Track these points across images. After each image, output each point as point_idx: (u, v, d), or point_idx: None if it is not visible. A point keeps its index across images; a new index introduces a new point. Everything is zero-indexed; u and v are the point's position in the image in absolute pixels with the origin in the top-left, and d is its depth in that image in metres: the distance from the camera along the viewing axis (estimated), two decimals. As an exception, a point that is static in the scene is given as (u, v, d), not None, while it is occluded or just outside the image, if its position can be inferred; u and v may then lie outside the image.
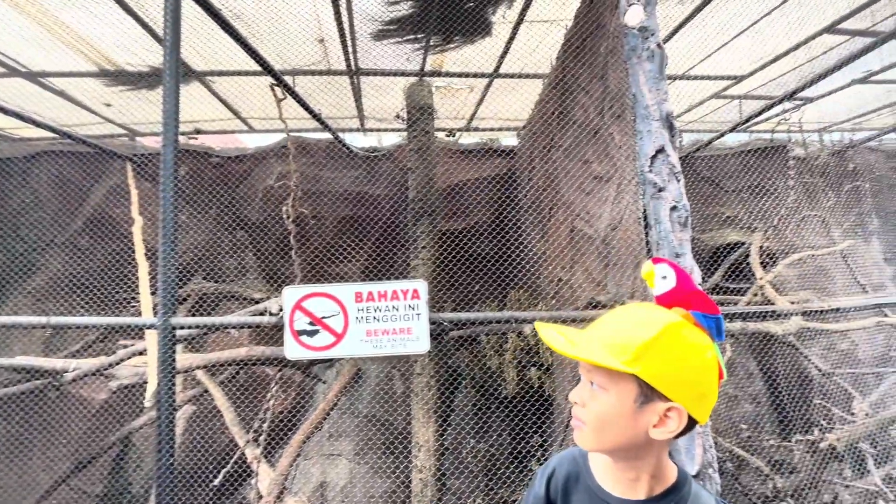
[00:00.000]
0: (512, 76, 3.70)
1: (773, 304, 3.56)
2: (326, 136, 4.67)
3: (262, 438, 3.15)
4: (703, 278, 2.08)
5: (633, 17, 1.82)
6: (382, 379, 4.89)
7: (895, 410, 3.15)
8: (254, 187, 4.99)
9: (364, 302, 1.79)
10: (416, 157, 3.76)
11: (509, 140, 5.34)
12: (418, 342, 1.79)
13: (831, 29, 3.12)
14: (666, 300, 0.81)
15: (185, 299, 4.51)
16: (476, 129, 5.00)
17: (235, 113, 4.27)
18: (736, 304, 4.11)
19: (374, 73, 3.59)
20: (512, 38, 3.12)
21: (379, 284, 1.79)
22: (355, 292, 1.79)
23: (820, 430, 3.39)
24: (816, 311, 2.98)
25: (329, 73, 3.64)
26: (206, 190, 4.48)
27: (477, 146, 5.10)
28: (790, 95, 3.60)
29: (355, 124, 4.80)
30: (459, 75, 3.71)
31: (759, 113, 3.91)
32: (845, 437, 3.26)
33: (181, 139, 4.22)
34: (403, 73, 3.61)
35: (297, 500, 3.31)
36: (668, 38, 3.17)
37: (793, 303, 3.51)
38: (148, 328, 1.79)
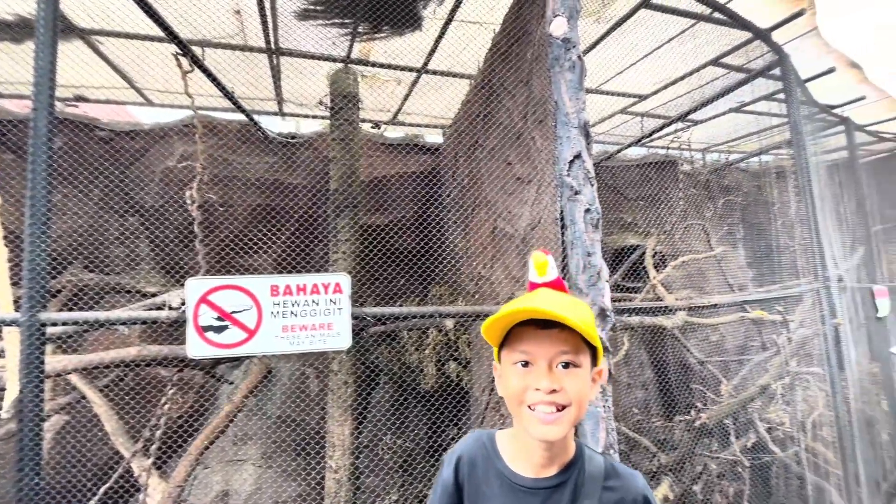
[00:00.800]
0: (440, 73, 3.72)
1: (662, 300, 4.00)
2: (239, 117, 4.32)
3: (153, 448, 2.83)
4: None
5: (558, 27, 1.92)
6: (296, 378, 4.65)
7: (752, 391, 3.70)
8: (150, 168, 4.45)
9: (281, 296, 1.68)
10: (339, 148, 3.62)
11: (434, 137, 5.37)
12: (339, 338, 1.72)
13: (716, 62, 3.57)
14: (549, 286, 0.85)
15: (58, 292, 3.90)
16: (402, 124, 4.95)
17: (129, 82, 3.77)
18: (632, 300, 4.56)
19: (297, 54, 3.39)
20: (441, 36, 3.14)
21: (298, 277, 1.70)
22: (271, 285, 1.67)
23: (695, 410, 3.89)
24: (698, 308, 3.41)
25: (245, 48, 3.37)
26: (89, 168, 3.89)
27: (403, 140, 5.05)
28: (682, 117, 4.07)
29: (272, 107, 4.50)
30: (387, 66, 3.64)
31: (657, 130, 4.37)
32: (714, 416, 3.78)
33: (57, 105, 3.61)
34: (328, 58, 3.45)
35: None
36: (584, 53, 3.39)
37: (678, 300, 3.97)
38: (7, 325, 1.51)
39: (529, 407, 0.77)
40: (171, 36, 2.56)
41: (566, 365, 0.75)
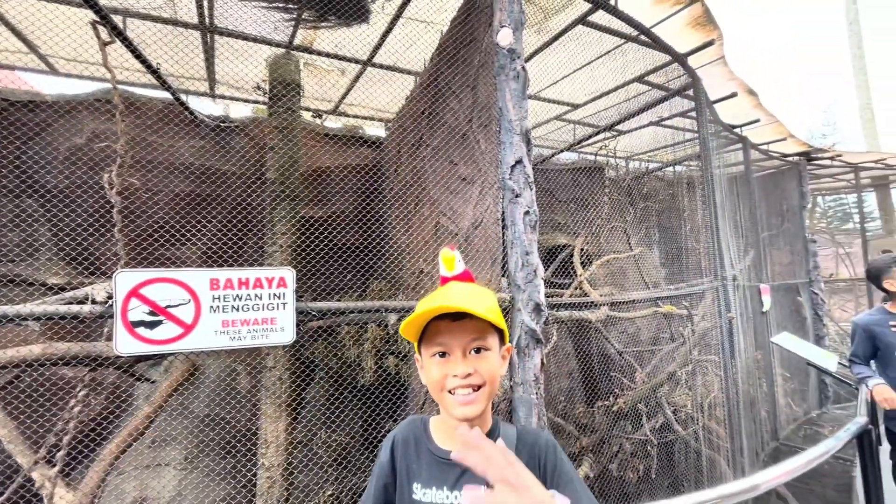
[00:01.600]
0: (385, 67, 3.71)
1: (588, 296, 4.33)
2: (162, 95, 4.00)
3: (60, 455, 2.58)
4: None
5: (504, 38, 2.02)
6: (225, 375, 4.42)
7: (661, 377, 4.14)
8: (54, 145, 3.99)
9: (221, 290, 1.62)
10: (278, 136, 3.49)
11: (374, 129, 5.33)
12: (283, 333, 1.70)
13: (640, 79, 3.92)
14: (458, 279, 0.94)
15: (-66, 283, 3.39)
16: (343, 114, 4.86)
17: (31, 46, 3.35)
18: (561, 296, 4.87)
19: (234, 35, 3.21)
20: (389, 31, 3.14)
21: (240, 271, 1.65)
22: (211, 279, 1.61)
23: (614, 396, 4.28)
24: (619, 303, 3.74)
25: (174, 23, 3.13)
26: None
27: (344, 132, 4.96)
28: (610, 127, 4.41)
29: (203, 88, 4.21)
30: (332, 56, 3.56)
31: (587, 138, 4.69)
32: (629, 401, 4.18)
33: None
34: (269, 42, 3.31)
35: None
36: (526, 60, 3.56)
37: (602, 296, 4.32)
38: None
39: (450, 392, 0.85)
40: (90, 2, 2.32)
41: (478, 350, 0.85)
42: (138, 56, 2.94)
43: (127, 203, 3.63)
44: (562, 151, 5.03)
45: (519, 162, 1.98)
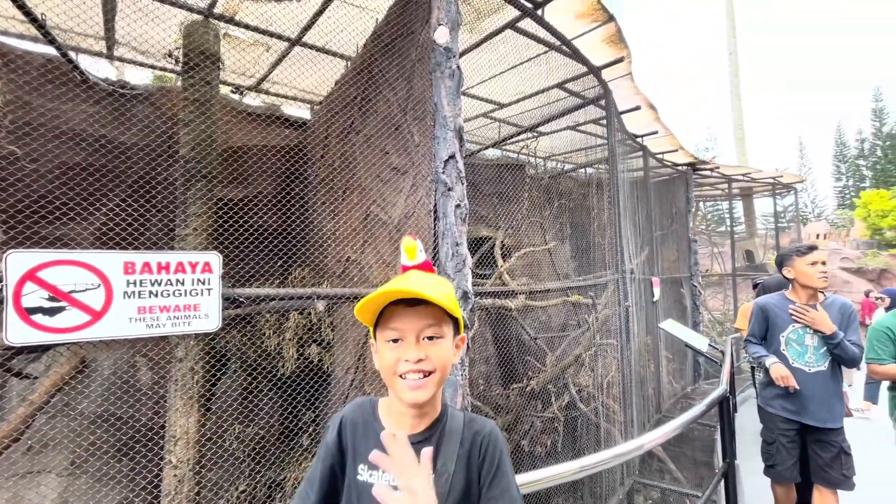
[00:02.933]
0: (315, 49, 3.59)
1: (507, 286, 4.60)
2: (49, 51, 3.48)
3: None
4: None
5: (441, 36, 2.09)
6: (122, 369, 4.01)
7: (568, 360, 4.56)
8: None
9: (137, 274, 1.51)
10: (193, 110, 3.22)
11: (295, 110, 5.11)
12: (207, 320, 1.63)
13: (561, 85, 4.22)
14: (418, 268, 0.97)
15: None
16: (266, 93, 4.60)
17: None
18: (484, 285, 5.13)
19: (141, -8, 2.90)
20: (321, 11, 3.04)
21: (160, 254, 1.55)
22: (125, 262, 1.49)
23: (527, 378, 4.63)
24: (535, 292, 4.05)
25: (67, -31, 2.74)
26: None
27: (267, 111, 4.69)
28: (533, 128, 4.69)
29: (99, 48, 3.73)
30: (257, 30, 3.36)
31: (512, 136, 4.95)
32: (540, 382, 4.55)
33: None
34: (184, 7, 3.03)
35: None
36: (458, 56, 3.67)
37: (520, 285, 4.62)
38: None
39: (401, 376, 0.87)
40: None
41: (431, 337, 0.88)
42: (20, 5, 2.54)
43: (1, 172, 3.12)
44: (487, 147, 5.25)
45: (452, 157, 2.08)
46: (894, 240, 16.05)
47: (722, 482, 2.56)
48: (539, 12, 2.95)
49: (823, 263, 2.68)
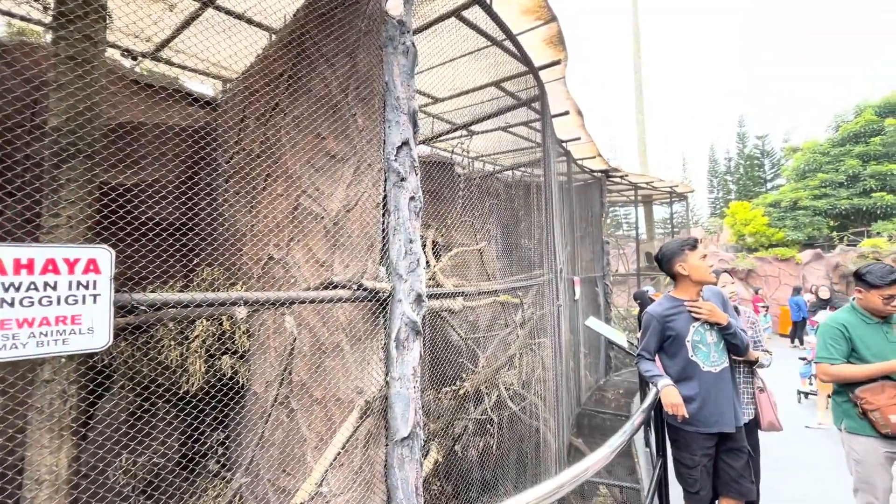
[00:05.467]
0: (232, 15, 3.11)
1: (442, 286, 4.45)
2: None
3: None
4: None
5: (395, 7, 1.86)
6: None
7: (502, 360, 4.54)
8: None
9: (-19, 276, 1.08)
10: (68, 71, 2.58)
11: (199, 86, 4.46)
12: (92, 336, 1.23)
13: (497, 84, 4.17)
14: None
15: None
16: (168, 62, 3.93)
17: None
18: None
19: (-6, -89, 2.24)
20: (242, -31, 2.62)
21: (19, 248, 1.12)
22: (-41, 259, 1.06)
23: (460, 380, 4.52)
24: (469, 293, 3.94)
25: None
26: None
27: (165, 82, 4.01)
28: (467, 126, 4.60)
29: (-72, -21, 2.87)
30: (156, -18, 2.80)
31: (445, 133, 4.81)
32: (475, 383, 4.47)
33: None
34: (57, -62, 2.41)
35: None
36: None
37: (455, 286, 4.50)
38: None
39: None
40: None
41: None
42: None
43: None
44: (422, 143, 5.05)
45: (405, 143, 1.85)
46: (753, 244, 18.90)
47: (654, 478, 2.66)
48: (488, 1, 2.83)
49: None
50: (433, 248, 5.39)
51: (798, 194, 19.93)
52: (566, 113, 4.81)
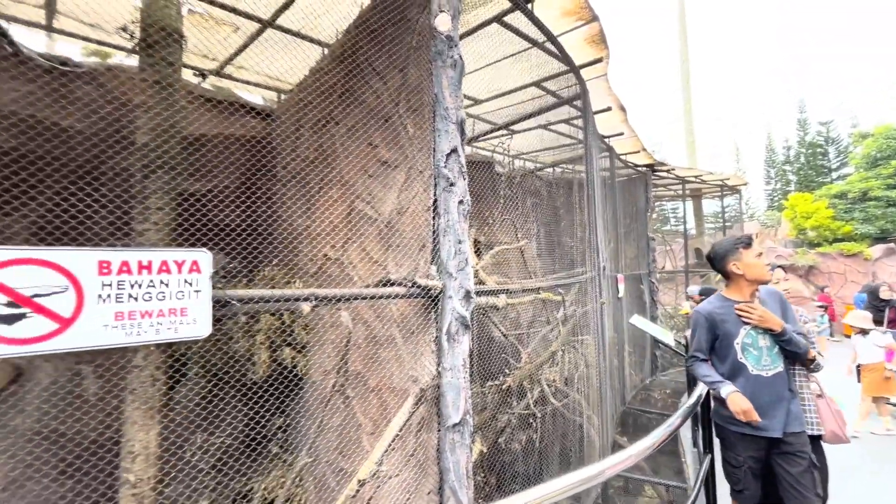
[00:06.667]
0: (290, 32, 3.37)
1: (485, 284, 4.57)
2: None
3: None
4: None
5: (443, 23, 2.00)
6: (65, 379, 3.60)
7: (545, 356, 4.60)
8: None
9: (114, 274, 1.32)
10: (153, 93, 2.92)
11: (252, 97, 4.80)
12: (196, 325, 1.46)
13: (538, 84, 4.23)
14: None
15: None
16: (230, 78, 4.28)
17: None
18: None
19: (94, -43, 2.58)
20: (300, -8, 2.85)
21: (140, 252, 1.36)
22: (99, 261, 1.29)
23: (503, 375, 4.63)
24: (513, 290, 4.04)
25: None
26: None
27: (229, 97, 4.37)
28: (508, 125, 4.68)
29: (37, 17, 3.31)
30: (225, 7, 3.09)
31: (486, 133, 4.91)
32: (516, 378, 4.57)
33: None
34: (144, -24, 2.73)
35: None
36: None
37: (497, 283, 4.61)
38: None
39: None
40: None
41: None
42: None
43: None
44: (468, 143, 5.18)
45: (454, 151, 1.99)
46: (816, 239, 17.67)
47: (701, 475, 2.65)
48: (529, 6, 2.92)
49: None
50: (475, 247, 5.52)
51: (868, 184, 18.41)
52: (608, 109, 4.78)
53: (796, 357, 2.37)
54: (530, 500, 1.23)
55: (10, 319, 1.17)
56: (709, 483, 2.63)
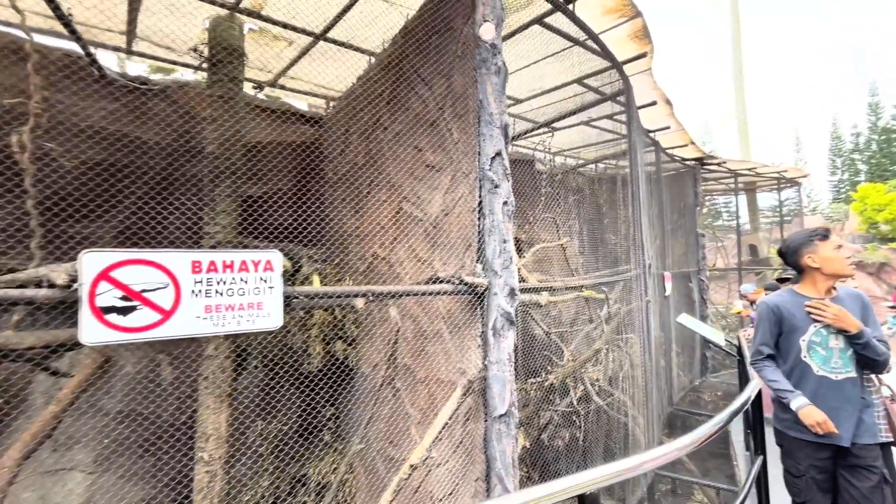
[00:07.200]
0: (339, 44, 3.57)
1: (526, 281, 4.63)
2: (62, 45, 3.44)
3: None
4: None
5: (487, 32, 2.09)
6: (144, 367, 4.00)
7: (588, 354, 4.60)
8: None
9: (204, 273, 1.51)
10: (219, 107, 3.20)
11: (299, 104, 5.08)
12: (269, 318, 1.64)
13: (580, 81, 4.23)
14: None
15: None
16: (283, 88, 4.57)
17: None
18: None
19: (171, -13, 2.86)
20: (351, 6, 3.02)
21: (224, 253, 1.55)
22: (192, 261, 1.49)
23: (545, 372, 4.66)
24: (555, 288, 4.07)
25: (96, -36, 2.70)
26: None
27: (282, 106, 4.66)
28: (548, 123, 4.70)
29: (118, 42, 3.69)
30: (281, 24, 3.33)
31: (527, 132, 4.95)
32: (559, 376, 4.59)
33: None
34: (212, 1, 3.00)
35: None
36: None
37: (539, 281, 4.65)
38: None
39: None
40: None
41: None
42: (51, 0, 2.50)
43: (15, 170, 3.09)
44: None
45: (498, 154, 2.08)
46: (890, 233, 16.24)
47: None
48: (570, 6, 2.95)
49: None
50: (515, 245, 5.55)
51: (952, 172, 16.69)
52: (653, 103, 4.69)
53: (874, 365, 2.18)
54: (569, 486, 1.31)
55: (124, 311, 1.38)
56: (760, 486, 2.57)
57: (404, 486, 2.28)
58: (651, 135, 5.83)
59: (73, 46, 3.39)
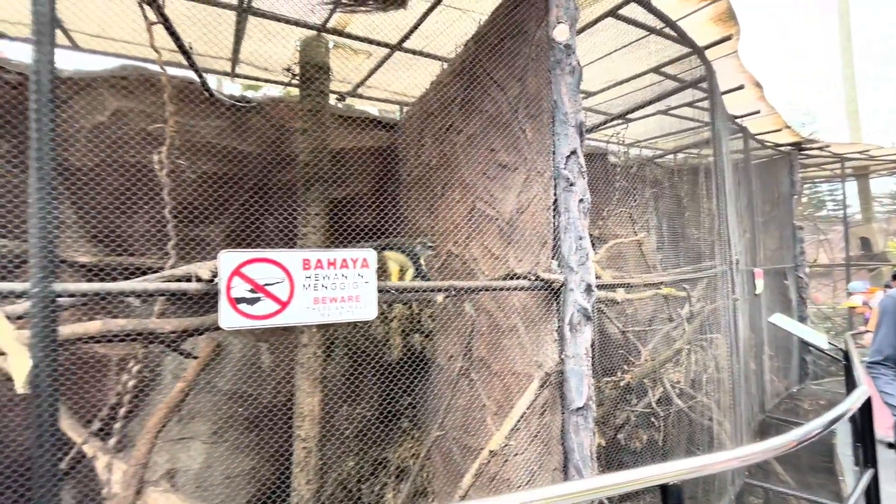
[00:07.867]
0: (414, 52, 3.76)
1: (600, 278, 4.55)
2: (180, 73, 3.97)
3: (117, 427, 2.70)
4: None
5: (561, 33, 2.14)
6: (248, 353, 4.53)
7: (668, 354, 4.42)
8: (73, 122, 3.94)
9: (312, 269, 1.74)
10: (309, 119, 3.53)
11: (370, 109, 5.37)
12: (366, 309, 1.84)
13: (657, 70, 4.06)
14: None
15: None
16: (361, 97, 4.89)
17: (57, 22, 3.29)
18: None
19: (269, 16, 3.22)
20: (425, 17, 3.19)
21: (328, 252, 1.77)
22: (303, 259, 1.73)
23: (621, 372, 4.56)
24: (630, 284, 3.97)
25: (209, 2, 3.12)
26: None
27: (361, 114, 4.99)
28: (623, 115, 4.56)
29: (223, 67, 4.19)
30: (362, 39, 3.59)
31: (600, 125, 4.84)
32: (636, 376, 4.46)
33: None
34: (303, 25, 3.33)
35: (162, 489, 2.96)
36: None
37: (614, 277, 4.54)
38: (18, 297, 1.42)
39: None
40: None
41: None
42: (175, 37, 2.94)
43: (156, 184, 3.65)
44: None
45: (573, 153, 2.12)
46: None
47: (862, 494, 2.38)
48: (646, -2, 2.88)
49: None
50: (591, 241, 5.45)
51: None
52: (741, 87, 4.37)
53: None
54: (653, 475, 1.35)
55: (252, 301, 1.64)
56: (871, 503, 2.36)
57: (483, 472, 2.41)
58: (738, 121, 5.42)
59: (188, 73, 3.94)
